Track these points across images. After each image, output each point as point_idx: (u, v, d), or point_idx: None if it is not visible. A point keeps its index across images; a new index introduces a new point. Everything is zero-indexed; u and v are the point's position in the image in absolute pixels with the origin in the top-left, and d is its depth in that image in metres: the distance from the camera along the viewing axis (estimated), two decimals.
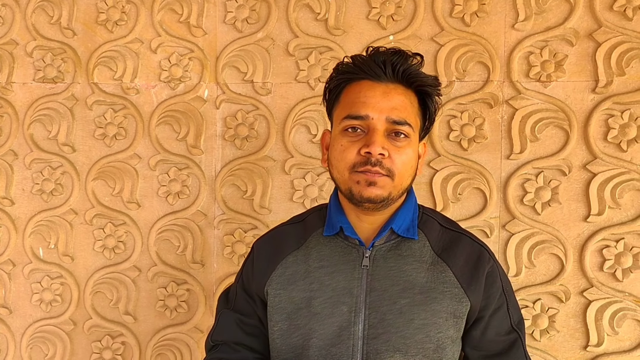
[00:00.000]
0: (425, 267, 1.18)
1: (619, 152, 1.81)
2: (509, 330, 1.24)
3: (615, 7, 1.80)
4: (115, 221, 2.04)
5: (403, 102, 1.13)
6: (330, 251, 1.21)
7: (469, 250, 1.23)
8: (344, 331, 1.15)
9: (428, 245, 1.21)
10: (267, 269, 1.25)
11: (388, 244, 1.20)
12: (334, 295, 1.17)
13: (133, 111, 2.01)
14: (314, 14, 1.94)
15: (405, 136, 1.12)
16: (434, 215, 1.28)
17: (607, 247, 1.82)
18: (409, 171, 1.14)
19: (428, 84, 1.16)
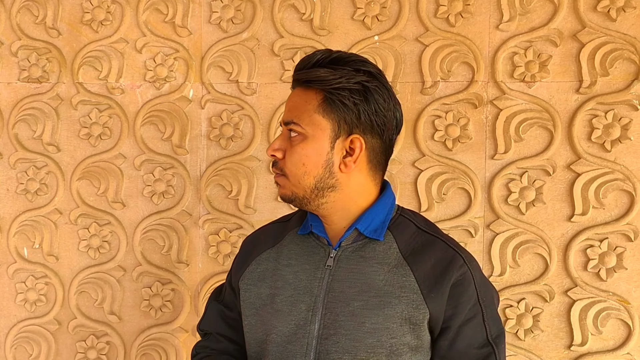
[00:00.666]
0: (386, 270, 1.11)
1: (603, 152, 1.75)
2: (483, 344, 1.13)
3: (599, 8, 1.74)
4: (100, 221, 1.95)
5: (296, 103, 1.11)
6: (301, 250, 1.18)
7: (440, 255, 1.13)
8: (301, 329, 1.11)
9: (395, 248, 1.14)
10: (243, 265, 1.25)
11: (355, 244, 1.14)
12: (294, 294, 1.14)
13: (118, 111, 1.92)
14: (299, 14, 1.87)
15: (297, 135, 1.10)
16: (412, 218, 1.20)
17: (591, 246, 1.76)
18: (301, 169, 1.09)
19: (311, 78, 1.09)
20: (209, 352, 1.28)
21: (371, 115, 1.09)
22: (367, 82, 1.08)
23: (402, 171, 1.81)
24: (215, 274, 1.90)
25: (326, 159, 1.09)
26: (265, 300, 1.17)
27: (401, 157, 1.81)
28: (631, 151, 1.73)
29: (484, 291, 1.15)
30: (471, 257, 1.16)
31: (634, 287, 1.73)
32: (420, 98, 1.80)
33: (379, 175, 1.15)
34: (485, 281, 1.18)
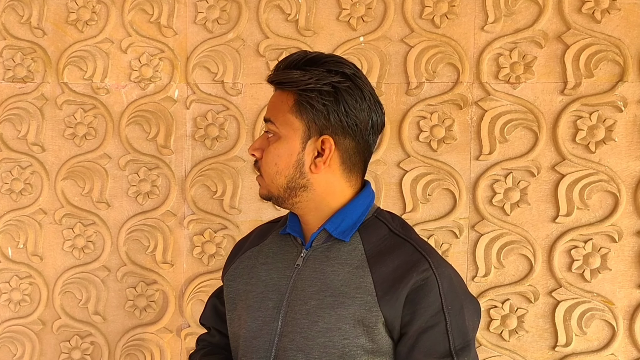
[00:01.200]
0: (346, 271, 1.07)
1: (588, 154, 1.70)
2: (444, 354, 1.03)
3: (584, 10, 1.69)
4: (84, 221, 1.87)
5: (274, 103, 1.08)
6: (278, 249, 1.16)
7: (404, 259, 1.06)
8: (266, 326, 1.09)
9: (360, 249, 1.08)
10: (230, 262, 1.24)
11: (324, 245, 1.10)
12: (265, 291, 1.12)
13: (103, 111, 1.84)
14: (284, 14, 1.81)
15: (272, 135, 1.07)
16: (387, 220, 1.13)
17: (575, 247, 1.70)
18: (273, 168, 1.06)
19: (282, 80, 1.06)
20: (206, 345, 1.29)
21: (341, 116, 1.04)
22: (338, 83, 1.04)
23: (387, 172, 1.76)
24: (200, 274, 1.84)
25: (297, 159, 1.06)
26: (241, 296, 1.15)
27: (386, 157, 1.76)
28: (615, 152, 1.68)
29: (451, 299, 1.05)
30: (443, 263, 1.08)
31: (618, 287, 1.68)
32: (405, 99, 1.75)
33: (354, 176, 1.10)
34: (457, 290, 1.07)
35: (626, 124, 1.67)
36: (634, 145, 1.66)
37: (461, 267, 1.72)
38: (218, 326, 1.28)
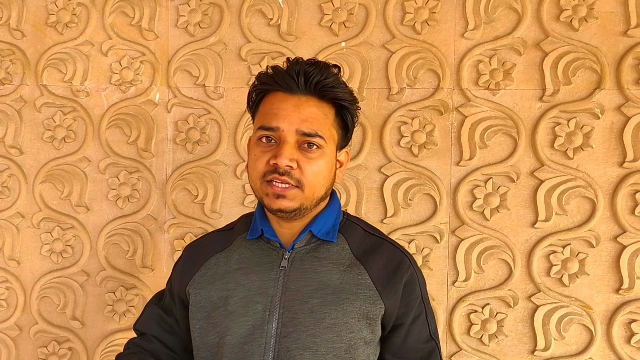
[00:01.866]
0: (341, 269, 1.11)
1: (566, 160, 1.70)
2: (428, 339, 1.17)
3: (562, 18, 1.69)
4: (63, 225, 1.83)
5: (315, 114, 1.06)
6: (251, 253, 1.14)
7: (389, 256, 1.14)
8: (257, 329, 1.07)
9: (347, 249, 1.14)
10: (190, 270, 1.19)
11: (308, 246, 1.13)
12: (248, 295, 1.09)
13: (83, 114, 1.81)
14: (266, 19, 1.79)
15: (317, 147, 1.06)
16: (357, 222, 1.20)
17: (554, 252, 1.70)
18: (320, 182, 1.07)
19: (340, 98, 1.09)
20: (139, 350, 1.24)
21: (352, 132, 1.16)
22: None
23: (368, 177, 1.74)
24: None
25: (334, 171, 1.12)
26: (217, 303, 1.12)
27: (367, 162, 1.74)
28: (593, 159, 1.68)
29: (425, 290, 1.19)
30: (413, 258, 1.19)
31: (596, 292, 1.68)
32: (386, 104, 1.74)
33: None
34: (424, 280, 1.20)
35: (603, 131, 1.67)
36: (611, 152, 1.66)
37: (442, 271, 1.71)
38: (158, 335, 1.24)
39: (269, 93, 1.10)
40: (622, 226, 1.66)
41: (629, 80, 1.65)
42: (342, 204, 1.73)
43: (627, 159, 1.65)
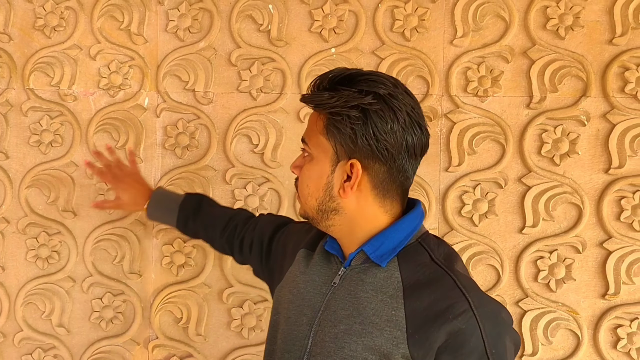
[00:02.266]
0: (379, 299, 0.99)
1: (552, 166, 1.71)
2: None
3: (549, 27, 1.70)
4: (49, 230, 1.79)
5: (310, 122, 1.05)
6: (319, 261, 1.11)
7: (442, 294, 0.96)
8: (298, 342, 1.05)
9: (397, 277, 0.99)
10: (298, 244, 1.19)
11: (362, 266, 1.03)
12: (302, 304, 1.08)
13: (70, 118, 1.77)
14: (256, 25, 1.77)
15: (307, 155, 1.04)
16: (430, 247, 1.03)
17: (541, 258, 1.70)
18: (305, 190, 1.04)
19: (316, 102, 1.00)
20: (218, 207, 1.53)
21: (370, 140, 0.96)
22: (368, 105, 0.95)
23: None
24: (169, 284, 1.77)
25: (326, 182, 1.01)
26: (284, 305, 1.13)
27: None
28: (579, 165, 1.69)
29: (495, 342, 0.95)
30: (485, 300, 0.98)
31: (582, 297, 1.68)
32: None
33: (389, 201, 1.02)
34: (500, 329, 0.97)
35: (589, 138, 1.68)
36: (597, 159, 1.68)
37: None
38: (241, 227, 1.40)
39: None
40: (607, 232, 1.67)
41: (614, 88, 1.67)
42: None
43: (613, 165, 1.67)
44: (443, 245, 1.07)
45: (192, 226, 1.51)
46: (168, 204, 1.55)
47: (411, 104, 0.99)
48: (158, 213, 1.58)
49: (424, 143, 1.02)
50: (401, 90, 0.99)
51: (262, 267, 1.33)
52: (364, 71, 1.00)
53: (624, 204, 1.67)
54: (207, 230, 1.49)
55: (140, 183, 1.61)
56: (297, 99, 1.72)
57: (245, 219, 1.44)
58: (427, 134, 1.02)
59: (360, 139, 0.96)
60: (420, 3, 1.72)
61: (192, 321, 1.77)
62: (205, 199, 1.55)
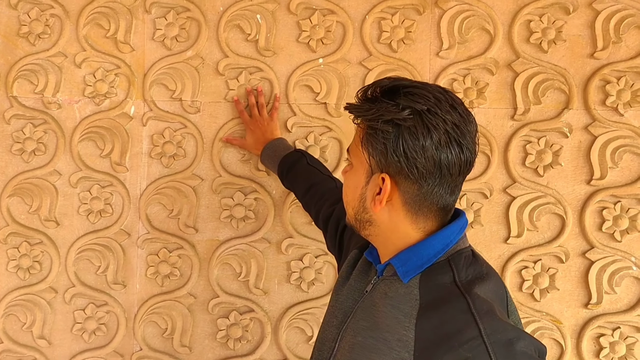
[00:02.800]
0: (394, 315, 0.95)
1: (536, 177, 1.72)
2: None
3: (532, 40, 1.73)
4: (31, 240, 1.75)
5: (355, 131, 1.02)
6: (362, 267, 1.10)
7: (452, 316, 0.89)
8: (327, 343, 1.06)
9: (415, 295, 0.95)
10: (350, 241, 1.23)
11: (391, 277, 1.00)
12: (335, 306, 1.08)
13: (54, 126, 1.74)
14: (244, 34, 1.77)
15: (349, 164, 1.03)
16: (458, 267, 0.96)
17: (525, 268, 1.71)
18: (344, 198, 1.04)
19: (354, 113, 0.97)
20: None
21: (400, 157, 0.91)
22: (402, 120, 0.90)
23: None
24: (153, 295, 1.74)
25: (361, 193, 0.99)
26: (331, 301, 1.13)
27: None
28: (562, 176, 1.71)
29: None
30: (500, 327, 0.87)
31: (566, 307, 1.70)
32: None
33: (422, 218, 0.97)
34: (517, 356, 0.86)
35: (572, 150, 1.70)
36: (579, 170, 1.70)
37: None
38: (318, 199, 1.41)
39: None
40: (590, 242, 1.69)
41: (595, 100, 1.69)
42: None
43: (595, 176, 1.69)
44: (475, 265, 0.98)
45: (286, 183, 1.58)
46: (275, 156, 1.61)
47: (453, 120, 0.91)
48: (267, 162, 1.65)
49: (463, 162, 0.94)
50: (445, 105, 0.92)
51: (335, 246, 1.34)
52: (410, 83, 0.94)
53: (606, 214, 1.69)
54: (295, 190, 1.55)
55: (268, 131, 1.67)
56: (284, 109, 1.73)
57: (325, 192, 1.44)
58: (468, 152, 0.94)
59: (391, 155, 0.92)
60: (407, 15, 1.73)
61: (177, 332, 1.74)
62: (302, 159, 1.56)
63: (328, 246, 1.40)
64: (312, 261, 1.73)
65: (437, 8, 1.72)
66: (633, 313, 1.68)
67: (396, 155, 0.92)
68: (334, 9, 1.73)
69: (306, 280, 1.73)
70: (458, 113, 0.92)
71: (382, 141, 0.92)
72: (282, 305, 1.74)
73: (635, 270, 1.68)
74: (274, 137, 1.66)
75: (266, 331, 1.73)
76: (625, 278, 1.69)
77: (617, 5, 1.70)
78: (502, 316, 0.90)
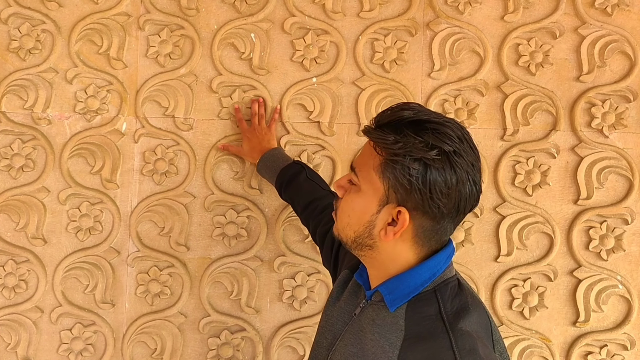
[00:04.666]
0: (380, 344, 0.93)
1: (525, 196, 1.73)
2: None
3: (520, 63, 1.74)
4: (17, 258, 1.68)
5: (365, 152, 0.96)
6: (352, 288, 1.07)
7: (434, 354, 0.88)
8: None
9: (401, 325, 0.94)
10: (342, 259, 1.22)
11: (379, 303, 0.98)
12: (325, 327, 1.06)
13: (43, 142, 1.69)
14: (238, 52, 1.74)
15: (351, 183, 0.97)
16: (444, 299, 0.95)
17: (515, 286, 1.71)
18: (345, 219, 0.97)
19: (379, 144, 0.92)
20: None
21: (424, 196, 0.89)
22: (431, 161, 0.88)
23: None
24: (143, 314, 1.69)
25: (369, 220, 0.94)
26: (322, 321, 1.11)
27: None
28: (550, 196, 1.72)
29: None
30: None
31: (554, 325, 1.69)
32: (356, 139, 1.72)
33: (424, 249, 0.96)
34: None
35: (559, 170, 1.71)
36: (567, 190, 1.71)
37: None
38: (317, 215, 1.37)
39: None
40: (577, 261, 1.69)
41: (581, 122, 1.71)
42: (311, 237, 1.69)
43: (581, 196, 1.70)
44: (460, 296, 0.96)
45: (284, 196, 1.55)
46: (274, 167, 1.58)
47: (472, 160, 0.91)
48: (264, 172, 1.63)
49: (475, 198, 0.94)
50: (466, 145, 0.91)
51: (330, 263, 1.31)
52: (433, 117, 0.91)
53: (592, 233, 1.70)
54: (294, 204, 1.52)
55: (265, 140, 1.65)
56: (278, 127, 1.71)
57: (324, 208, 1.40)
58: (479, 190, 0.94)
59: (415, 192, 0.89)
60: (400, 36, 1.73)
61: (167, 352, 1.68)
62: (302, 173, 1.53)
63: (323, 261, 1.38)
64: (305, 279, 1.70)
65: (429, 30, 1.73)
66: (619, 331, 1.69)
67: (420, 193, 0.89)
68: (327, 29, 1.72)
69: (298, 299, 1.69)
70: (473, 152, 0.92)
71: (407, 177, 0.89)
72: (274, 324, 1.70)
73: (621, 288, 1.69)
74: (271, 147, 1.65)
75: (258, 350, 1.69)
76: (612, 296, 1.70)
77: (602, 31, 1.73)
78: (484, 352, 0.89)
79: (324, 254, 1.35)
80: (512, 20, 1.73)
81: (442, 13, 1.73)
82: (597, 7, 1.73)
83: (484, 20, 1.74)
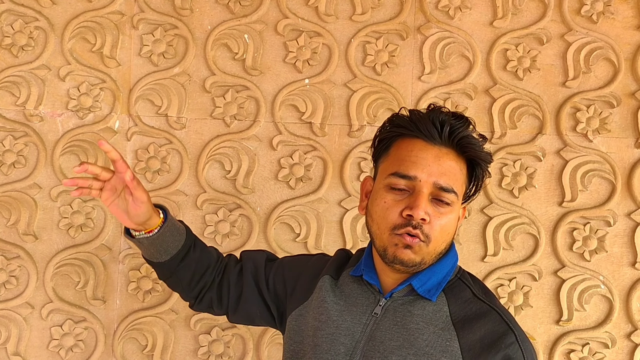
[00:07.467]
0: (431, 330, 0.97)
1: (512, 198, 1.73)
2: None
3: (509, 68, 1.74)
4: (7, 254, 1.65)
5: (453, 169, 0.97)
6: (350, 291, 1.07)
7: (491, 328, 0.97)
8: None
9: (446, 311, 0.99)
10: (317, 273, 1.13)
11: (405, 298, 1.01)
12: (335, 333, 1.02)
13: (35, 139, 1.66)
14: (231, 53, 1.73)
15: (448, 204, 0.97)
16: (470, 283, 1.05)
17: (501, 285, 1.70)
18: (444, 237, 0.98)
19: (480, 157, 1.00)
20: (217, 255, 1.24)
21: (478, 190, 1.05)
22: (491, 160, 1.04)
23: (328, 210, 1.70)
24: (134, 311, 1.66)
25: (454, 227, 1.01)
26: (309, 332, 1.06)
27: (328, 196, 1.70)
28: (536, 198, 1.72)
29: None
30: (525, 336, 1.00)
31: (539, 323, 1.70)
32: (347, 140, 1.71)
33: None
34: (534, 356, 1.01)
35: (545, 173, 1.72)
36: (552, 192, 1.71)
37: None
38: (236, 275, 1.20)
39: (404, 137, 1.00)
40: (561, 261, 1.70)
41: (567, 127, 1.72)
42: (301, 236, 1.68)
43: (566, 199, 1.71)
44: (477, 280, 1.09)
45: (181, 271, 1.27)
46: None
47: None
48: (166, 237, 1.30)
49: None
50: None
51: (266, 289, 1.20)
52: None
53: (576, 235, 1.71)
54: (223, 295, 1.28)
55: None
56: (270, 127, 1.68)
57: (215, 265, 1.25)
58: None
59: (478, 190, 1.03)
60: (391, 40, 1.72)
61: (158, 348, 1.66)
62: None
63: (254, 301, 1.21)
64: None
65: (420, 34, 1.72)
66: (601, 330, 1.70)
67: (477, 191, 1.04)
68: (320, 31, 1.71)
69: None
70: None
71: (482, 178, 1.03)
72: None
73: (603, 288, 1.70)
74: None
75: (248, 347, 1.67)
76: (594, 296, 1.71)
77: (587, 38, 1.73)
78: None
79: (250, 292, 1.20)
80: (501, 25, 1.73)
81: (433, 18, 1.72)
82: (583, 14, 1.74)
83: (473, 25, 1.74)
